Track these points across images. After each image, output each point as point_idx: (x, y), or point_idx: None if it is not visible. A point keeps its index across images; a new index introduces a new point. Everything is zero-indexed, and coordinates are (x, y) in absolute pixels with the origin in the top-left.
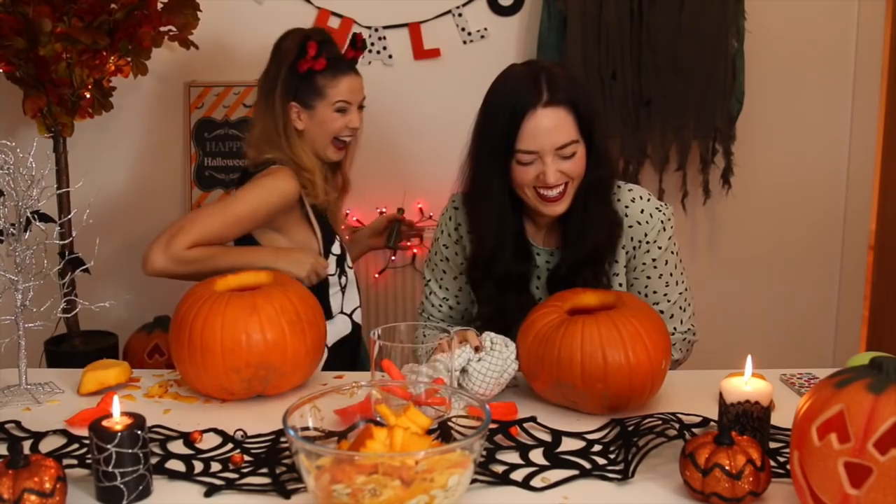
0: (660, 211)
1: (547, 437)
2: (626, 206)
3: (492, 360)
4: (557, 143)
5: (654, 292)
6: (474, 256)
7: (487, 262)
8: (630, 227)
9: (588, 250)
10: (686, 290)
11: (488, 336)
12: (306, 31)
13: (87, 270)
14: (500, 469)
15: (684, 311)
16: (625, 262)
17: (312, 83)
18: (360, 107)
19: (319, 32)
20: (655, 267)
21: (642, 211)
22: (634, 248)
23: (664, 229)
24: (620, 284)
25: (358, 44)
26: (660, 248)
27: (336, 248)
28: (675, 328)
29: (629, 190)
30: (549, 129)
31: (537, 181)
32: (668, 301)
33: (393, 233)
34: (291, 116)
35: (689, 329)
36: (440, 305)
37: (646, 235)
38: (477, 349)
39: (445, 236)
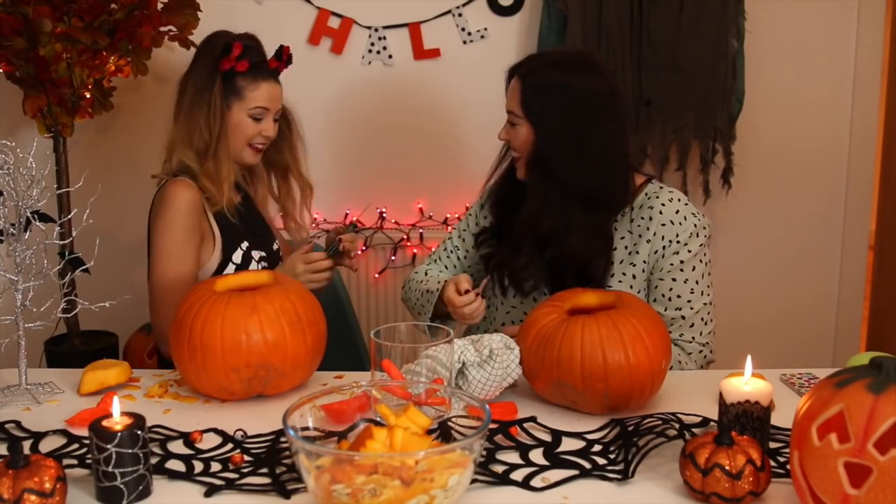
0: (695, 216)
1: (547, 437)
2: (663, 205)
3: (492, 369)
4: (508, 105)
5: (679, 296)
6: (497, 182)
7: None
8: (663, 224)
9: (568, 259)
10: (710, 304)
11: (489, 344)
12: (234, 34)
13: (87, 270)
14: (500, 469)
15: (706, 324)
16: (650, 261)
17: (232, 83)
18: (276, 119)
19: (248, 37)
20: (682, 270)
21: (677, 212)
22: (664, 247)
23: (696, 235)
24: (631, 287)
25: (283, 56)
26: (689, 251)
27: (237, 257)
28: (693, 337)
29: (669, 191)
30: (508, 92)
31: None
32: (692, 309)
33: (330, 248)
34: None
35: (706, 343)
36: (451, 252)
37: (677, 236)
38: (468, 292)
39: (484, 198)
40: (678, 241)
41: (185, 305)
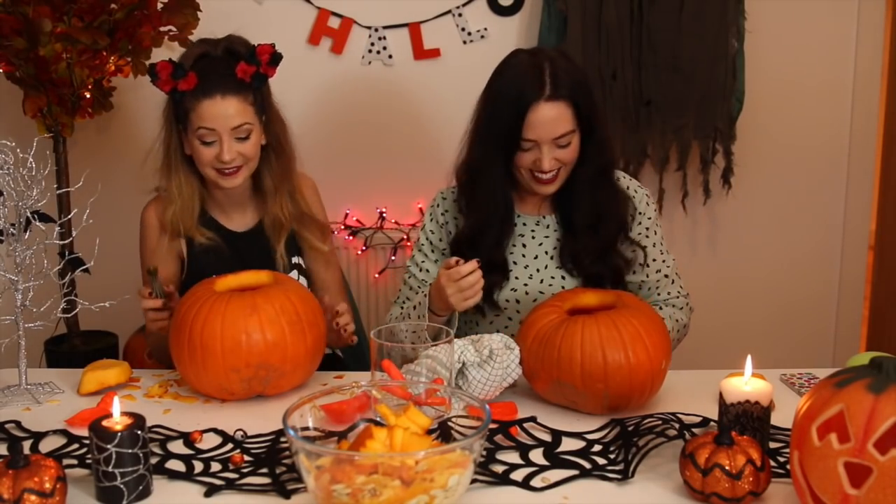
0: (640, 187)
1: (547, 437)
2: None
3: (492, 369)
4: (555, 134)
5: (654, 260)
6: (463, 232)
7: (475, 236)
8: None
9: (610, 235)
10: (675, 260)
11: (489, 344)
12: (207, 46)
13: (87, 270)
14: (500, 469)
15: (678, 276)
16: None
17: (181, 105)
18: (243, 137)
19: (205, 46)
20: (648, 236)
21: (628, 188)
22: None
23: (648, 203)
24: None
25: (260, 56)
26: (649, 218)
27: None
28: (678, 292)
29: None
30: (548, 121)
31: (533, 165)
32: (668, 266)
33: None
34: (182, 141)
35: (687, 294)
36: (417, 288)
37: (635, 208)
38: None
39: (433, 223)
40: (639, 213)
41: (185, 305)
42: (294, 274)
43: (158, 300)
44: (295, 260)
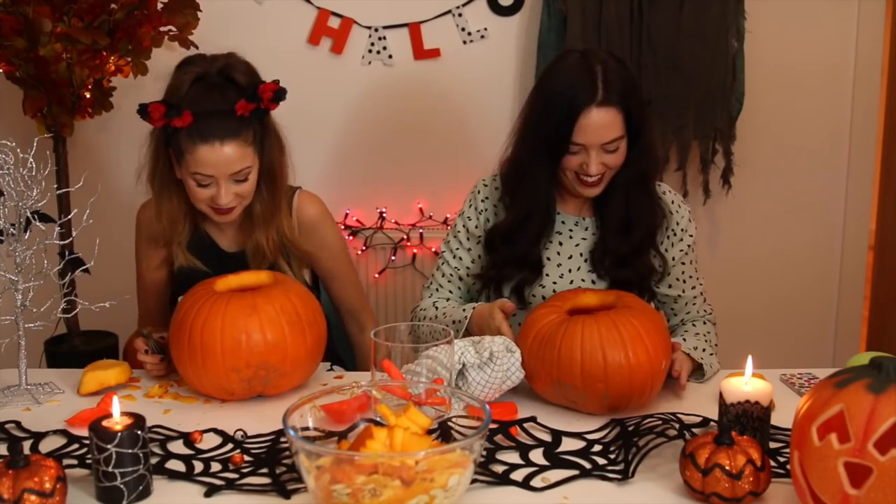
0: (684, 202)
1: (547, 437)
2: (659, 198)
3: (492, 371)
4: (604, 139)
5: (690, 277)
6: (501, 226)
7: (513, 232)
8: (667, 215)
9: (637, 241)
10: None
11: (489, 346)
12: (202, 67)
13: (87, 270)
14: (500, 469)
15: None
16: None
17: (176, 139)
18: (241, 179)
19: (211, 62)
20: (687, 254)
21: (673, 202)
22: (668, 237)
23: (690, 220)
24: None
25: (262, 95)
26: (690, 235)
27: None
28: (709, 308)
29: (658, 184)
30: (599, 126)
31: (580, 168)
32: (701, 284)
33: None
34: (171, 164)
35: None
36: (451, 275)
37: (678, 224)
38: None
39: (472, 209)
40: (682, 229)
41: (185, 305)
42: None
43: (156, 356)
44: None
